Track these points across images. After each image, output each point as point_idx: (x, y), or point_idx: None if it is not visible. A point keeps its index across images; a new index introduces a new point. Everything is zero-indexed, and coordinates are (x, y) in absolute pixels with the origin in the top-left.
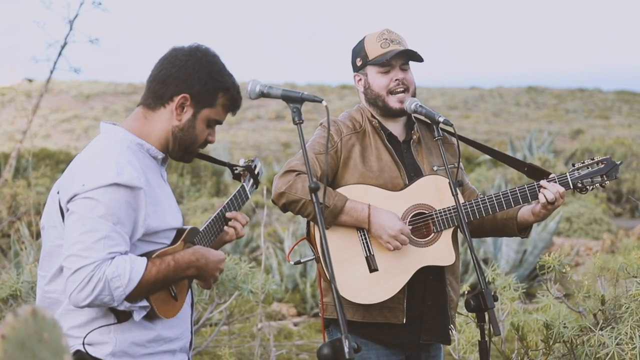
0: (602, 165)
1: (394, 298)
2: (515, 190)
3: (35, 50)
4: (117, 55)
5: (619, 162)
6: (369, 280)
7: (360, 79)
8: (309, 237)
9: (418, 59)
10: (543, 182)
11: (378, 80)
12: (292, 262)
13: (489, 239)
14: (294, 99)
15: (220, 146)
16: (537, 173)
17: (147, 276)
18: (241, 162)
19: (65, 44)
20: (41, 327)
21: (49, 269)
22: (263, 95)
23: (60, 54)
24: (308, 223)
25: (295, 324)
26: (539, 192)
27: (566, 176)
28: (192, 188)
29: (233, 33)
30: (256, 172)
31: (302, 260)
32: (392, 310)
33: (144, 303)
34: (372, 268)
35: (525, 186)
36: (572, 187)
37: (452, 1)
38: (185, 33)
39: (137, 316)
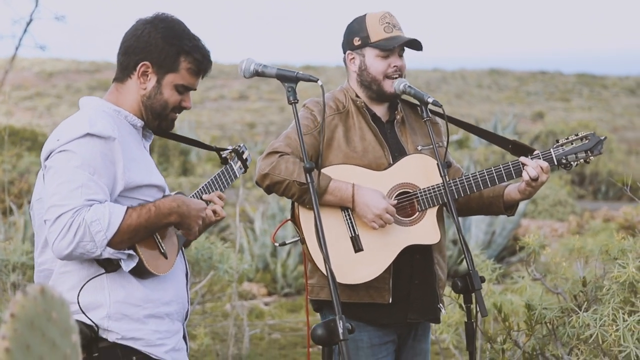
0: (587, 141)
1: (379, 278)
2: (500, 168)
3: (0, 27)
4: (81, 33)
5: (602, 137)
6: (354, 261)
7: (353, 58)
8: (294, 219)
9: (418, 48)
10: (523, 159)
11: (377, 64)
12: (277, 244)
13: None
14: (288, 78)
15: (185, 125)
16: (521, 150)
17: (127, 220)
18: (229, 147)
19: (30, 20)
20: (50, 305)
21: (39, 242)
22: (257, 74)
23: (25, 30)
24: (293, 204)
25: (266, 304)
26: (523, 169)
27: (550, 152)
28: (160, 167)
29: (198, 13)
30: (244, 157)
31: (287, 242)
32: (378, 290)
33: (130, 252)
34: (357, 248)
35: (510, 163)
36: (556, 163)
37: None
38: (152, 11)
39: (126, 266)
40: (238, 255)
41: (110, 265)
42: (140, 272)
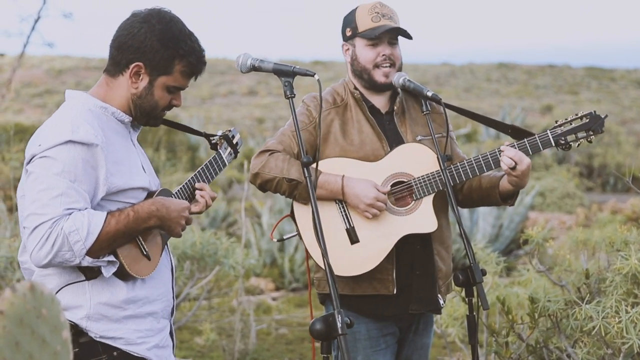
0: (587, 120)
1: (382, 269)
2: (487, 155)
3: (8, 25)
4: (90, 30)
5: (603, 115)
6: (351, 253)
7: (347, 49)
8: (292, 215)
9: (407, 36)
10: (502, 147)
11: (365, 53)
12: (275, 240)
13: (465, 214)
14: (285, 73)
15: (195, 121)
16: (520, 134)
17: (106, 228)
18: (219, 133)
19: (38, 18)
20: (40, 302)
21: (22, 240)
22: (254, 69)
23: (33, 28)
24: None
25: (274, 299)
26: (486, 161)
27: (547, 134)
28: (168, 163)
29: (207, 8)
30: (234, 141)
31: (284, 237)
32: (381, 282)
33: (111, 258)
34: (354, 240)
35: (488, 153)
36: (554, 144)
37: None
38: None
39: (107, 272)
40: (244, 251)
41: (90, 272)
42: (123, 275)
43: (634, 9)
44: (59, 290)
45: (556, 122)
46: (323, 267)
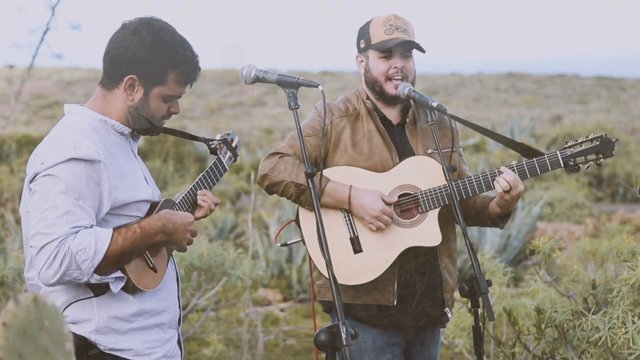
0: (597, 143)
1: (384, 280)
2: (487, 175)
3: (17, 36)
4: (99, 41)
5: (614, 139)
6: (354, 262)
7: (362, 61)
8: (297, 220)
9: (420, 49)
10: (503, 168)
11: (378, 65)
12: (278, 244)
13: None
14: (289, 84)
15: (203, 132)
16: (529, 153)
17: (113, 246)
18: (217, 137)
19: (47, 29)
20: (42, 314)
21: (27, 256)
22: (258, 80)
23: (42, 39)
24: (298, 206)
25: (282, 310)
26: (492, 180)
27: (556, 154)
28: (176, 174)
29: (216, 20)
30: (233, 145)
31: (288, 243)
32: (382, 292)
33: (118, 274)
34: (357, 249)
35: (488, 173)
36: (562, 165)
37: None
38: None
39: (115, 288)
40: (252, 262)
41: (98, 289)
42: (130, 289)
43: None
44: (67, 306)
45: (566, 143)
46: (326, 275)
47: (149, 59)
